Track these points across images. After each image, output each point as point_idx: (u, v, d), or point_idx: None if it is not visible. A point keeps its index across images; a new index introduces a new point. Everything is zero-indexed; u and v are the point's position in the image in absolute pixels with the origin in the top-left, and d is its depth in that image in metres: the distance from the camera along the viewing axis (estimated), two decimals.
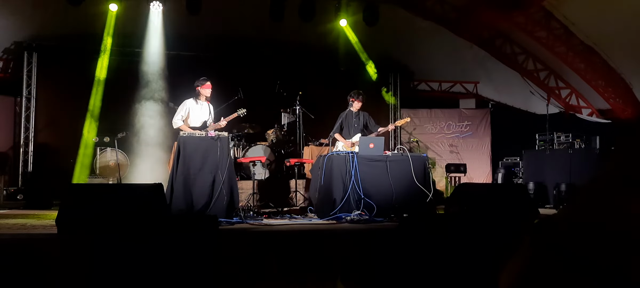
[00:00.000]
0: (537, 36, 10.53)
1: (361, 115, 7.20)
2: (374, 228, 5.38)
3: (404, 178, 6.36)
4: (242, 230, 5.25)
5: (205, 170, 5.91)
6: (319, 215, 6.23)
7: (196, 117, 6.55)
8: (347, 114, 7.12)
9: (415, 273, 3.39)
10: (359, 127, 7.13)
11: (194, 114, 6.55)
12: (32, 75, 9.51)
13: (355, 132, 7.08)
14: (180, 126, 6.43)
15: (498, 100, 12.08)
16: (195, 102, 6.58)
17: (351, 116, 7.13)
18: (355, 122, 7.13)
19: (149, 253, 3.27)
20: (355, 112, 7.13)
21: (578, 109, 11.89)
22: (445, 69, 11.89)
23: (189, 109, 6.55)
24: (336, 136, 7.09)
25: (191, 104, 6.58)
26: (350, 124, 7.12)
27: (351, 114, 7.12)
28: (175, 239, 3.38)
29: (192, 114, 6.55)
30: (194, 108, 6.56)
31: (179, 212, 5.63)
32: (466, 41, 11.19)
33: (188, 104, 6.57)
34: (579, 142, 9.19)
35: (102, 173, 8.59)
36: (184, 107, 6.56)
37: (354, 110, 7.11)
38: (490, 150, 11.57)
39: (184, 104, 6.60)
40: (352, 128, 7.12)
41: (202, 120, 6.56)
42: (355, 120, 7.14)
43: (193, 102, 6.58)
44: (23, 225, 5.41)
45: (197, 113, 6.56)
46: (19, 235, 4.68)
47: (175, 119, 6.49)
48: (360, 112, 7.19)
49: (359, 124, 7.15)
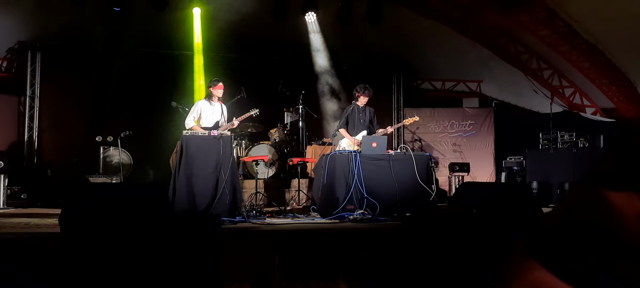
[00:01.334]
0: (541, 35, 10.49)
1: (367, 111, 7.12)
2: (377, 228, 5.37)
3: (407, 177, 6.35)
4: (244, 229, 5.25)
5: (208, 169, 5.92)
6: (322, 215, 6.22)
7: (208, 117, 6.56)
8: (353, 109, 7.06)
9: (419, 272, 3.39)
10: (364, 122, 7.04)
11: (206, 115, 6.56)
12: (36, 75, 9.54)
13: (360, 128, 7.01)
14: (192, 127, 6.44)
15: (502, 99, 12.04)
16: (209, 103, 6.60)
17: (357, 111, 7.04)
18: (361, 117, 7.03)
19: (152, 253, 3.28)
20: (361, 107, 7.07)
21: (582, 108, 11.85)
22: (449, 67, 11.87)
23: (201, 109, 6.57)
24: (342, 131, 7.05)
25: (203, 104, 6.60)
26: (356, 119, 7.00)
27: (357, 109, 7.04)
28: (178, 238, 3.38)
29: (204, 115, 6.56)
30: (206, 109, 6.57)
31: (182, 211, 5.63)
32: (469, 40, 11.17)
33: (200, 105, 6.60)
34: (583, 141, 9.15)
35: (106, 172, 8.61)
36: (196, 108, 6.58)
37: (360, 104, 7.06)
38: (493, 149, 11.54)
39: (196, 105, 6.64)
40: (357, 124, 7.01)
41: (214, 121, 6.56)
42: (361, 115, 7.04)
43: (205, 103, 6.61)
44: (27, 224, 5.43)
45: (209, 114, 6.57)
46: (23, 233, 4.70)
47: (188, 120, 6.51)
48: (366, 107, 7.13)
49: (365, 120, 7.05)
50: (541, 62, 11.53)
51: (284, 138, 8.99)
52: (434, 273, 3.34)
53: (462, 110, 11.78)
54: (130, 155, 8.78)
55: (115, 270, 3.21)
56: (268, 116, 9.27)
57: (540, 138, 9.88)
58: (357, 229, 5.26)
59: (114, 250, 3.23)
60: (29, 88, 9.53)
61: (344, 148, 6.81)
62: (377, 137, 6.75)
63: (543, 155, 9.30)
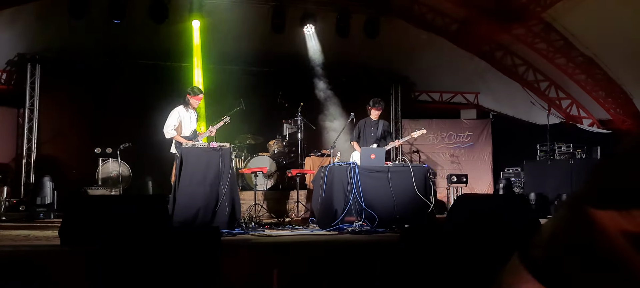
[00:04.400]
0: (537, 48, 10.59)
1: (380, 124, 7.26)
2: (375, 239, 5.38)
3: (405, 189, 6.37)
4: (243, 241, 5.25)
5: (208, 182, 5.92)
6: (321, 226, 6.23)
7: (186, 125, 6.48)
8: (366, 122, 7.20)
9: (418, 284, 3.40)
10: (376, 136, 7.16)
11: (185, 122, 6.47)
12: (35, 87, 9.57)
13: (371, 141, 7.13)
14: (173, 136, 6.34)
15: (499, 110, 12.11)
16: (186, 110, 6.51)
17: (369, 124, 7.20)
18: (373, 131, 7.18)
19: (152, 264, 3.29)
20: (374, 120, 7.20)
21: (579, 120, 11.92)
22: (446, 79, 11.94)
23: (181, 117, 6.47)
24: (353, 144, 7.18)
25: (182, 111, 6.48)
26: (367, 133, 7.17)
27: (369, 122, 7.20)
28: (177, 250, 3.39)
29: (183, 123, 6.47)
30: (185, 116, 6.49)
31: (181, 223, 5.63)
32: (467, 52, 11.25)
33: (180, 112, 6.47)
34: (580, 153, 9.20)
35: (105, 184, 8.61)
36: (175, 115, 6.43)
37: (373, 118, 7.19)
38: (491, 160, 11.58)
39: (176, 111, 6.46)
40: (369, 137, 7.17)
41: (191, 129, 6.50)
42: (372, 128, 7.19)
43: (183, 110, 6.49)
44: (26, 236, 5.42)
45: (188, 121, 6.50)
46: (22, 246, 4.69)
47: (168, 129, 6.34)
48: (379, 121, 7.25)
49: (377, 133, 7.17)
50: (538, 74, 11.61)
51: (283, 150, 9.01)
52: (433, 285, 3.35)
53: (460, 122, 11.84)
54: (129, 167, 8.78)
55: (114, 283, 3.22)
56: (267, 128, 9.31)
57: (538, 149, 9.93)
58: (356, 241, 5.27)
59: (113, 262, 3.24)
60: (28, 100, 9.56)
61: (356, 161, 6.83)
62: (376, 149, 6.80)
63: (540, 167, 9.34)
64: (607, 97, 11.13)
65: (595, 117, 11.79)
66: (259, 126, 9.24)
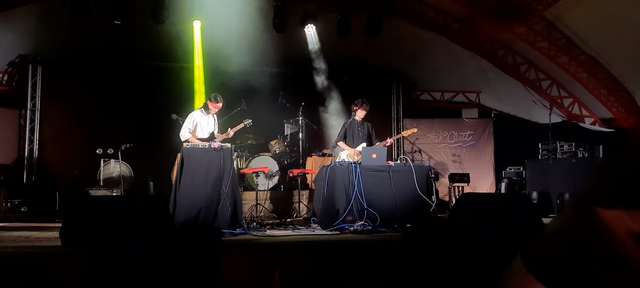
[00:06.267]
0: (539, 46, 10.56)
1: (365, 125, 7.20)
2: (377, 239, 5.37)
3: (407, 188, 6.36)
4: (245, 241, 5.25)
5: (209, 182, 5.92)
6: (322, 226, 6.22)
7: (204, 128, 6.68)
8: (351, 123, 7.14)
9: (420, 284, 3.39)
10: (363, 136, 7.12)
11: (202, 126, 6.67)
12: (37, 88, 9.59)
13: (359, 141, 7.08)
14: (188, 138, 6.49)
15: (501, 109, 12.08)
16: (204, 114, 6.70)
17: (355, 125, 7.14)
18: (359, 131, 7.12)
19: (153, 265, 3.28)
20: (359, 121, 7.14)
21: (581, 118, 11.89)
22: (448, 78, 11.91)
23: (197, 121, 6.64)
24: (340, 144, 7.09)
25: (199, 116, 6.69)
26: (354, 133, 7.11)
27: (355, 123, 7.14)
28: (178, 250, 3.38)
29: (200, 126, 6.66)
30: (202, 120, 6.68)
31: (182, 223, 5.63)
32: (468, 51, 11.23)
33: (196, 117, 6.67)
34: (582, 151, 9.16)
35: (106, 185, 8.61)
36: (191, 120, 6.64)
37: (358, 119, 7.12)
38: (493, 159, 11.55)
39: (192, 116, 6.68)
40: (356, 137, 7.11)
41: (209, 132, 6.70)
42: (359, 129, 7.14)
43: (201, 114, 6.69)
44: (27, 237, 5.42)
45: (205, 125, 6.70)
46: (23, 247, 4.69)
47: (183, 132, 6.56)
48: (364, 122, 7.19)
49: (364, 133, 7.14)
50: (540, 72, 11.58)
51: (284, 149, 9.01)
52: (436, 284, 3.34)
53: (462, 121, 11.81)
54: (130, 168, 8.78)
55: (116, 283, 3.21)
56: (268, 128, 9.30)
57: (540, 148, 9.89)
58: (357, 241, 5.26)
59: (114, 262, 3.23)
60: (30, 101, 9.57)
61: (344, 159, 6.84)
62: (377, 148, 6.78)
63: (543, 166, 9.31)
64: (609, 95, 11.10)
65: (598, 115, 11.76)
66: (260, 126, 9.23)
